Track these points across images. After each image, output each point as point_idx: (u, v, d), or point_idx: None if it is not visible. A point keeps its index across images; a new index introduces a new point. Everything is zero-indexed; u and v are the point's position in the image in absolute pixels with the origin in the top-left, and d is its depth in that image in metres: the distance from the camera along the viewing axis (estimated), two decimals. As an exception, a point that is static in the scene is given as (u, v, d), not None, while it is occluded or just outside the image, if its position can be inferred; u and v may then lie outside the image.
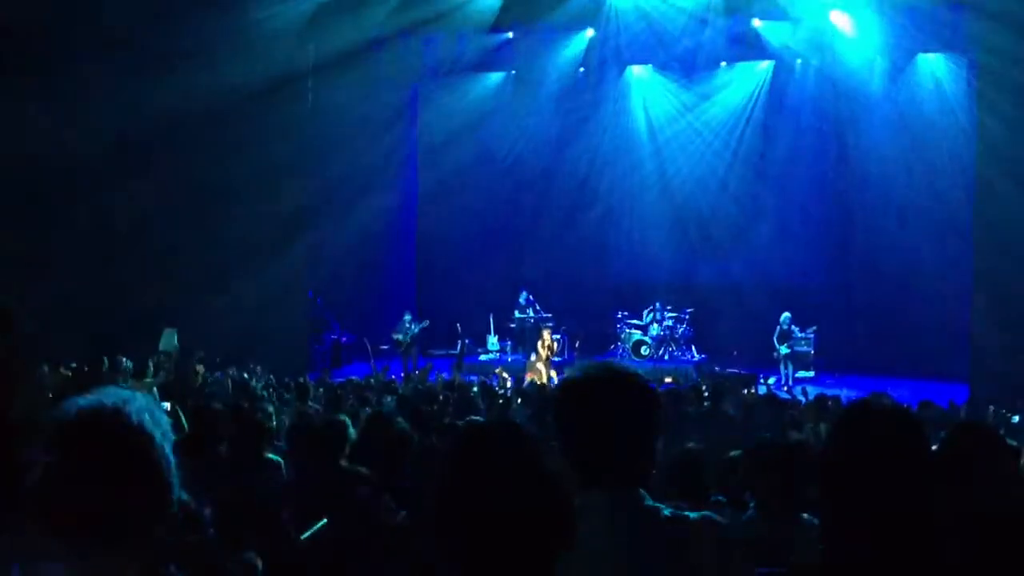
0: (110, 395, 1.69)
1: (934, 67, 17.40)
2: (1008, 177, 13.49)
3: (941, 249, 17.15)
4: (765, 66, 18.83)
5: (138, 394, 1.74)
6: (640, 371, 2.24)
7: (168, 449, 1.70)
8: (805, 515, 3.40)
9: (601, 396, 2.11)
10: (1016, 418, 9.41)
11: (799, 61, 18.48)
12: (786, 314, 16.32)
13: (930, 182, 17.33)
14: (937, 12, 15.87)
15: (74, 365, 10.92)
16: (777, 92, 18.93)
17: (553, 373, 15.55)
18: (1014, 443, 5.98)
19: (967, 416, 9.18)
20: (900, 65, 17.74)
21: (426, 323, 17.14)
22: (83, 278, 13.96)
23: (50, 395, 6.25)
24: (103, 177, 14.23)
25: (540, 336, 16.52)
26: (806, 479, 3.43)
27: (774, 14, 17.31)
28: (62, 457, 1.62)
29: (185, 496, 1.84)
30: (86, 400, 1.67)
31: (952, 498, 2.62)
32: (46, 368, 10.01)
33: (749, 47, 18.05)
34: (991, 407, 10.22)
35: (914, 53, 17.24)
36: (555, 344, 16.43)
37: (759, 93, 19.05)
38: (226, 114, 14.68)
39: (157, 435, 1.68)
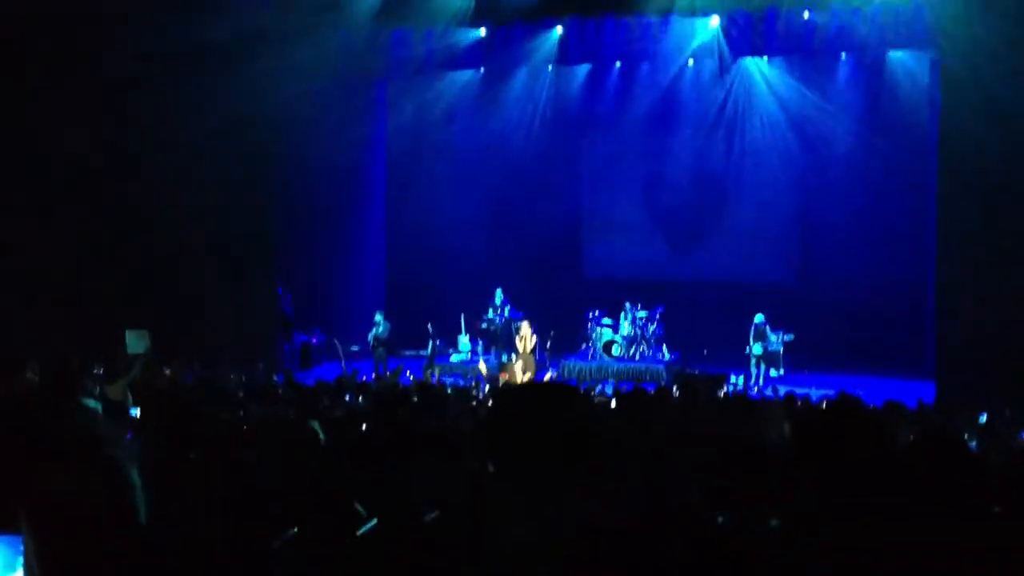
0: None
1: (899, 63, 17.63)
2: (971, 175, 13.60)
3: (909, 248, 17.35)
4: (735, 63, 18.98)
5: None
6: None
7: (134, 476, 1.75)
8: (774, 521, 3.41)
9: (526, 409, 2.01)
10: (984, 417, 9.49)
11: (765, 58, 18.67)
12: (760, 315, 16.42)
13: (896, 180, 17.57)
14: (902, 8, 16.07)
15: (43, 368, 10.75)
16: (744, 90, 19.07)
17: (529, 375, 15.27)
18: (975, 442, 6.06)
19: (934, 415, 9.28)
20: (865, 61, 17.97)
21: (388, 325, 16.88)
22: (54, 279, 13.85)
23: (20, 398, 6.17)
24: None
25: (518, 332, 16.44)
26: (774, 479, 3.43)
27: (739, 12, 17.48)
28: None
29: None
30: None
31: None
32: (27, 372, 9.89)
33: (717, 46, 18.19)
34: (957, 406, 10.30)
35: (879, 49, 17.44)
36: (533, 337, 16.27)
37: (729, 90, 19.18)
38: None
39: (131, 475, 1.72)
